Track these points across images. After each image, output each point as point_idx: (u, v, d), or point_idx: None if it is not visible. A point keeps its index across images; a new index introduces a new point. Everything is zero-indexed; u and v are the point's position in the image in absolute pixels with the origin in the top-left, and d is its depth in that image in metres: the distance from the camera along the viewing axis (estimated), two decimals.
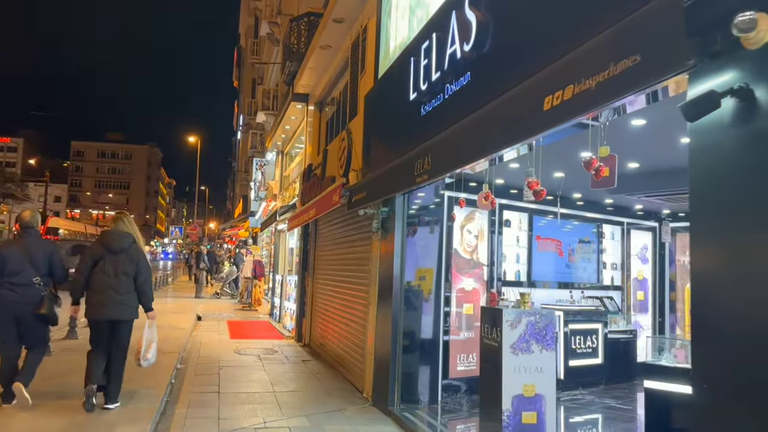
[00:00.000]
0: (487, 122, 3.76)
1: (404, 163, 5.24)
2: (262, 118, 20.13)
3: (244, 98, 34.76)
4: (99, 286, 5.91)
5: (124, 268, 6.00)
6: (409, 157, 5.15)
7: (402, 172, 5.24)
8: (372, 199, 6.23)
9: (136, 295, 6.09)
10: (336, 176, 8.70)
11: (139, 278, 6.08)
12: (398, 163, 5.53)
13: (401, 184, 5.28)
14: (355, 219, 8.53)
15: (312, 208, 9.40)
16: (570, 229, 8.82)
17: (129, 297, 6.02)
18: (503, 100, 3.67)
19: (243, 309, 18.76)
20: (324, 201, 8.46)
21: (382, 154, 6.77)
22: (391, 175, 5.71)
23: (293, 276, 14.35)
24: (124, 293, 5.98)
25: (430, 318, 6.98)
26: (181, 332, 12.21)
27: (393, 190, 5.69)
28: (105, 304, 5.91)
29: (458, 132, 4.12)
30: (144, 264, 6.16)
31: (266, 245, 23.39)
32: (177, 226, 34.10)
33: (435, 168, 4.29)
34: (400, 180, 5.26)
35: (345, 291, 9.09)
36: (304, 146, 12.84)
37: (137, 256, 6.11)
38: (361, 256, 8.21)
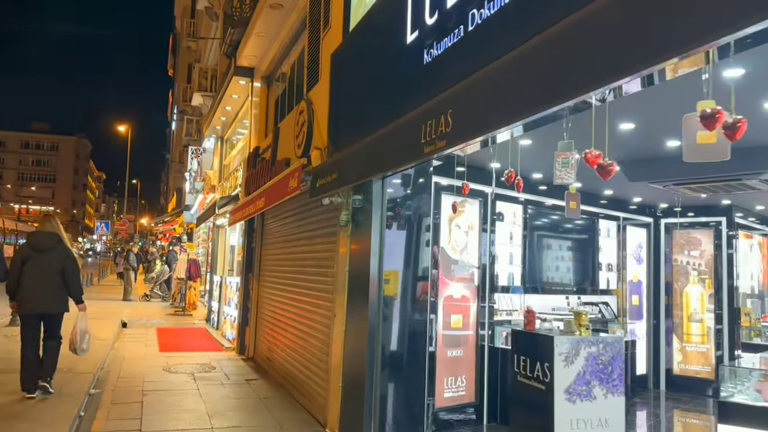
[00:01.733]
0: (565, 47, 2.35)
1: (400, 130, 3.79)
2: (199, 100, 18.14)
3: (179, 84, 32.35)
4: (29, 284, 6.39)
5: (52, 266, 6.48)
6: (408, 121, 3.69)
7: (397, 142, 3.80)
8: (346, 182, 4.74)
9: (65, 290, 6.57)
10: (291, 158, 7.16)
11: (66, 274, 6.55)
12: (389, 131, 4.06)
13: (397, 159, 3.80)
14: (314, 211, 7.00)
15: (260, 198, 7.80)
16: (564, 224, 7.59)
17: (58, 292, 6.52)
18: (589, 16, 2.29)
19: (176, 314, 16.82)
20: (276, 189, 6.89)
21: (358, 125, 5.29)
22: (377, 149, 4.24)
23: (234, 278, 12.63)
24: (53, 288, 6.47)
25: (414, 331, 5.56)
26: (101, 344, 10.32)
27: (381, 168, 4.20)
28: (35, 300, 6.41)
29: (503, 72, 2.70)
30: (71, 260, 6.64)
31: (202, 242, 21.41)
32: (104, 222, 31.41)
33: (461, 128, 2.85)
34: (396, 153, 3.79)
35: (301, 298, 7.55)
36: (249, 129, 11.16)
37: (64, 254, 6.62)
38: (324, 255, 6.70)
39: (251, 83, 11.06)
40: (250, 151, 10.24)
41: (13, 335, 9.43)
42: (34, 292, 6.42)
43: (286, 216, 8.72)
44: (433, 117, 3.15)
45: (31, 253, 6.54)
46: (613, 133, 4.70)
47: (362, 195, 5.43)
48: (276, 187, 6.86)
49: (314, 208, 7.05)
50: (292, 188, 5.96)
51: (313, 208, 7.11)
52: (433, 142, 3.12)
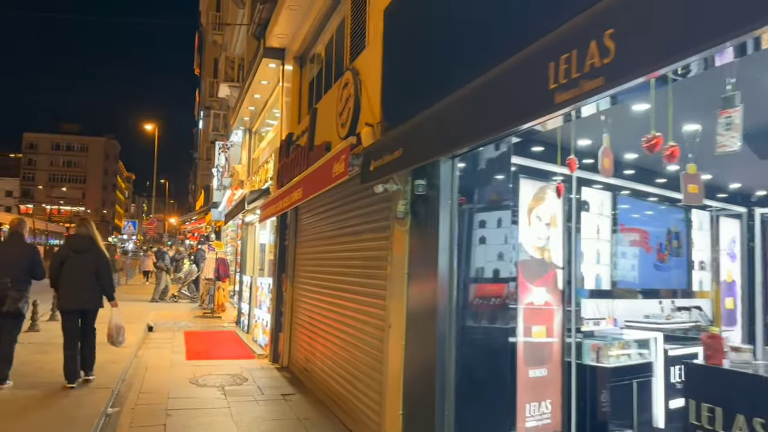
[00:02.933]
0: None
1: (504, 80, 2.72)
2: (226, 91, 17.26)
3: (206, 80, 31.71)
4: (67, 282, 7.00)
5: (88, 266, 7.06)
6: (517, 64, 2.62)
7: (501, 97, 2.74)
8: (416, 161, 3.68)
9: (99, 288, 7.14)
10: (333, 141, 6.16)
11: (100, 273, 7.14)
12: (483, 85, 2.96)
13: (501, 119, 2.68)
14: (361, 202, 5.99)
15: (295, 189, 6.82)
16: (656, 216, 6.44)
17: (93, 289, 7.08)
18: None
19: (204, 316, 16.00)
20: (316, 177, 5.89)
21: (426, 88, 4.25)
22: (464, 112, 3.17)
23: (266, 278, 11.71)
24: (89, 286, 7.05)
25: (493, 347, 4.51)
26: (124, 352, 9.47)
27: (475, 135, 3.02)
28: (73, 297, 7.02)
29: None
30: (105, 261, 7.27)
31: (231, 241, 20.61)
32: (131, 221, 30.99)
33: (636, 54, 1.79)
34: (498, 112, 2.70)
35: (344, 303, 6.54)
36: (280, 116, 10.20)
37: (98, 255, 7.22)
38: (373, 254, 5.68)
39: (282, 66, 10.09)
40: (282, 139, 9.27)
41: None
42: (72, 290, 7.06)
43: (324, 209, 7.73)
44: (572, 47, 2.11)
45: (69, 254, 7.19)
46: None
47: (426, 180, 4.39)
48: (316, 174, 5.86)
49: (360, 198, 6.03)
50: (338, 174, 4.95)
51: (359, 199, 6.10)
52: (575, 84, 2.08)
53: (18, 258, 7.01)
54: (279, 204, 8.17)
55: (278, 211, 8.17)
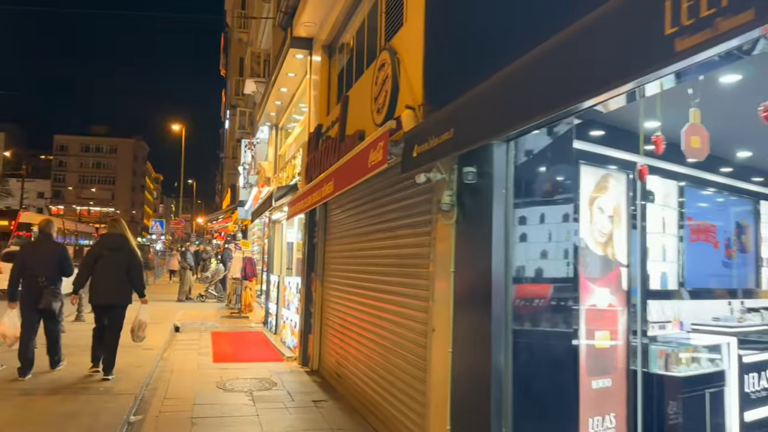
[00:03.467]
0: None
1: (598, 28, 2.19)
2: (252, 87, 16.93)
3: (232, 79, 31.56)
4: (101, 278, 7.32)
5: (120, 263, 7.37)
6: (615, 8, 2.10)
7: (593, 48, 2.22)
8: (470, 142, 3.18)
9: (130, 285, 7.45)
10: (368, 128, 5.71)
11: (131, 271, 7.45)
12: (565, 40, 2.44)
13: (597, 78, 2.15)
14: (398, 195, 5.52)
15: (326, 182, 6.37)
16: (723, 208, 5.85)
17: (123, 286, 7.39)
18: None
19: (231, 316, 15.71)
20: (350, 168, 5.44)
21: (479, 59, 3.76)
22: (544, 72, 2.66)
23: (294, 278, 11.32)
24: (121, 282, 7.36)
25: (555, 355, 4.01)
26: (148, 355, 9.17)
27: (565, 99, 2.45)
28: (104, 292, 7.33)
29: None
30: (136, 259, 7.59)
31: (257, 239, 20.33)
32: (159, 221, 31.01)
33: None
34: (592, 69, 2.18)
35: (378, 304, 6.08)
36: (308, 108, 9.78)
37: (130, 253, 7.54)
38: (412, 252, 5.20)
39: (309, 57, 9.67)
40: (310, 132, 8.85)
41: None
42: (103, 286, 7.38)
43: (356, 205, 7.28)
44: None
45: (103, 252, 7.52)
46: None
47: (476, 167, 3.89)
48: (349, 166, 5.41)
49: (398, 191, 5.56)
50: (375, 163, 4.49)
51: (395, 192, 5.63)
52: (706, 24, 1.58)
53: (48, 257, 7.47)
54: (308, 199, 7.74)
55: (307, 207, 7.75)
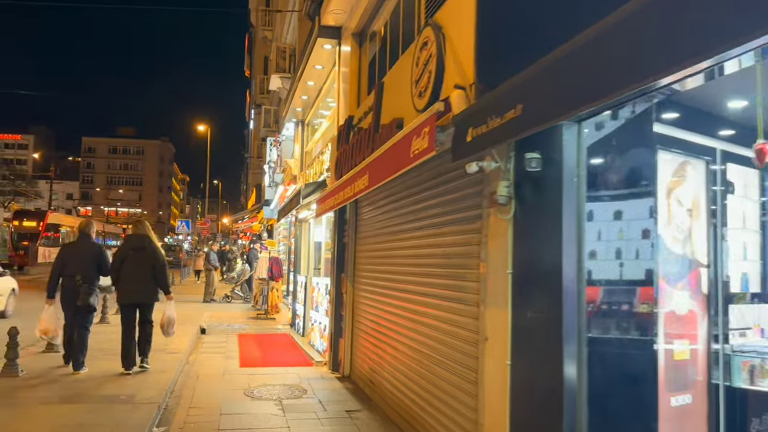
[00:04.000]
0: None
1: None
2: (277, 83, 16.55)
3: (257, 77, 31.33)
4: (126, 278, 7.59)
5: (145, 263, 7.62)
6: None
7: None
8: (547, 119, 2.66)
9: (155, 283, 7.73)
10: (407, 116, 5.23)
11: (156, 269, 7.70)
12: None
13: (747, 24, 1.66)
14: (442, 187, 5.03)
15: (359, 177, 5.90)
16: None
17: (150, 285, 7.68)
18: None
19: (258, 317, 15.36)
20: (387, 160, 4.95)
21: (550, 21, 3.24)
22: (643, 29, 2.15)
23: (322, 278, 10.88)
24: (146, 282, 7.65)
25: (632, 369, 3.48)
26: (173, 359, 8.81)
27: (674, 62, 1.94)
28: (132, 292, 7.63)
29: None
30: (159, 258, 7.76)
31: (283, 239, 19.98)
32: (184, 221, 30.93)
33: None
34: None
35: (420, 308, 5.58)
36: (336, 102, 9.33)
37: (154, 252, 7.74)
38: (458, 250, 4.70)
39: (338, 47, 9.22)
40: (340, 125, 8.39)
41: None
42: (130, 286, 7.63)
43: (390, 201, 6.80)
44: None
45: (128, 253, 7.75)
46: None
47: (540, 153, 3.38)
48: (387, 157, 4.92)
49: (440, 184, 5.07)
50: (419, 151, 3.99)
51: (438, 185, 5.13)
52: None
53: (86, 256, 7.76)
54: (338, 196, 7.28)
55: (338, 204, 7.29)
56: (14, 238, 33.86)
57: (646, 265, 3.62)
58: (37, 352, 8.84)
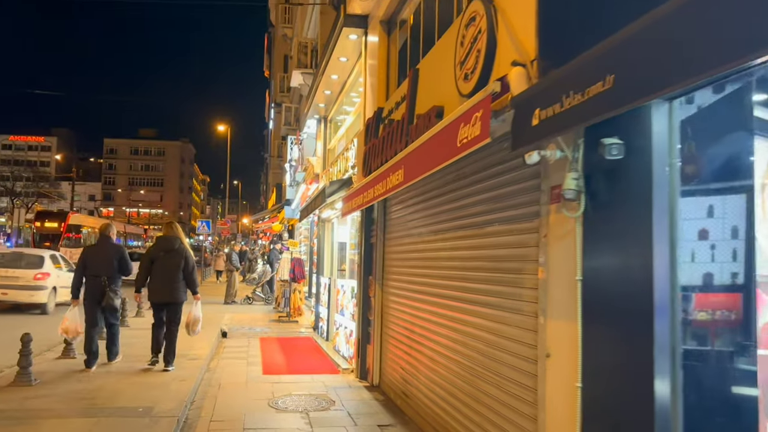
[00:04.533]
0: None
1: None
2: (299, 79, 16.10)
3: (276, 76, 30.99)
4: (158, 278, 7.97)
5: (175, 263, 7.96)
6: None
7: None
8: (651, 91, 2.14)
9: (185, 283, 8.08)
10: (448, 103, 4.73)
11: (186, 270, 8.05)
12: None
13: None
14: (489, 182, 4.51)
15: (393, 172, 5.39)
16: None
17: (179, 285, 8.00)
18: None
19: (280, 320, 14.94)
20: (428, 151, 4.44)
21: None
22: None
23: (347, 281, 10.41)
24: (176, 282, 7.97)
25: (734, 391, 2.93)
26: (194, 366, 8.40)
27: None
28: (162, 291, 7.98)
29: None
30: (189, 259, 8.13)
31: (304, 239, 19.58)
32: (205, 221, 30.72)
33: None
34: None
35: (461, 316, 5.06)
36: (362, 94, 8.84)
37: (184, 253, 8.08)
38: (510, 253, 4.18)
39: (364, 37, 8.73)
40: (367, 118, 7.89)
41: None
42: (160, 286, 7.93)
43: (424, 198, 6.30)
44: None
45: (159, 254, 8.00)
46: None
47: (621, 138, 2.84)
48: (428, 148, 4.41)
49: (487, 179, 4.56)
50: (470, 140, 3.48)
51: (484, 180, 4.62)
52: None
53: (108, 258, 7.98)
54: (367, 194, 6.78)
55: (366, 203, 6.80)
56: (36, 239, 33.92)
57: (743, 270, 3.07)
58: (54, 358, 8.50)
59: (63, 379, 7.28)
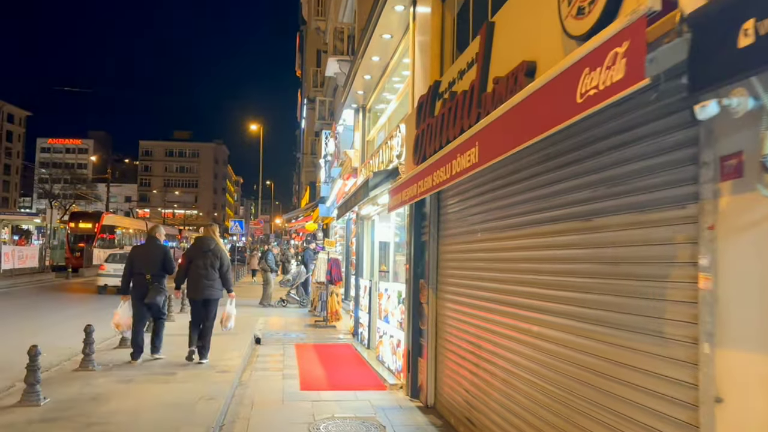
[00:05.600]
0: None
1: None
2: (334, 68, 15.08)
3: (309, 70, 30.17)
4: (195, 276, 8.43)
5: (212, 262, 8.46)
6: None
7: None
8: None
9: (220, 281, 8.55)
10: (541, 57, 3.65)
11: (222, 269, 8.55)
12: None
13: None
14: (602, 156, 3.40)
15: (462, 151, 4.31)
16: None
17: (215, 283, 8.47)
18: None
19: (316, 325, 13.98)
20: (517, 120, 3.35)
21: None
22: None
23: (392, 284, 9.36)
24: (212, 280, 8.45)
25: None
26: (223, 380, 7.47)
27: None
28: (199, 289, 8.43)
29: None
30: (225, 258, 8.67)
31: (340, 239, 18.61)
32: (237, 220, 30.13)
33: None
34: None
35: (559, 335, 3.95)
36: (411, 70, 7.76)
37: (219, 254, 8.59)
38: (640, 253, 3.07)
39: (412, 7, 7.66)
40: (420, 96, 6.82)
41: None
42: (198, 283, 8.35)
43: (491, 187, 5.23)
44: None
45: (197, 254, 8.46)
46: None
47: None
48: (519, 114, 3.32)
49: (597, 154, 3.45)
50: (602, 89, 2.38)
51: (592, 156, 3.51)
52: None
53: (153, 257, 8.43)
54: (422, 183, 5.72)
55: (421, 194, 5.74)
56: (70, 240, 33.77)
57: None
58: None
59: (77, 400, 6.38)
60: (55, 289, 23.30)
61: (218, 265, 8.48)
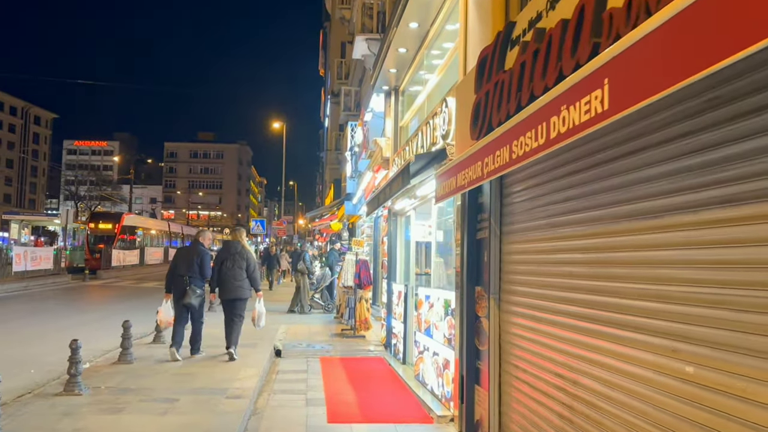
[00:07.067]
0: None
1: None
2: (362, 49, 13.56)
3: (333, 62, 28.83)
4: (225, 277, 8.94)
5: (239, 264, 8.96)
6: None
7: None
8: None
9: (248, 281, 9.03)
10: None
11: (249, 269, 9.03)
12: None
13: None
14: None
15: (582, 93, 2.83)
16: None
17: (243, 283, 8.97)
18: None
19: (343, 334, 12.53)
20: (702, 21, 1.88)
21: None
22: None
23: (436, 290, 7.87)
24: (240, 280, 8.94)
25: None
26: (234, 408, 6.08)
27: None
28: (229, 289, 8.92)
29: None
30: (252, 259, 9.17)
31: (368, 238, 17.18)
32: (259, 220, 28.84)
33: None
34: None
35: (709, 375, 2.43)
36: (462, 26, 6.28)
37: (246, 255, 9.08)
38: None
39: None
40: (484, 48, 5.30)
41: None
42: (228, 284, 8.97)
43: (583, 165, 3.73)
44: None
45: (226, 256, 9.07)
46: None
47: None
48: (696, 24, 1.86)
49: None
50: None
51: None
52: None
53: (191, 260, 8.85)
54: (490, 160, 4.23)
55: (489, 174, 4.26)
56: (90, 241, 32.90)
57: None
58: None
59: None
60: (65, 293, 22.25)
61: (245, 266, 8.95)
